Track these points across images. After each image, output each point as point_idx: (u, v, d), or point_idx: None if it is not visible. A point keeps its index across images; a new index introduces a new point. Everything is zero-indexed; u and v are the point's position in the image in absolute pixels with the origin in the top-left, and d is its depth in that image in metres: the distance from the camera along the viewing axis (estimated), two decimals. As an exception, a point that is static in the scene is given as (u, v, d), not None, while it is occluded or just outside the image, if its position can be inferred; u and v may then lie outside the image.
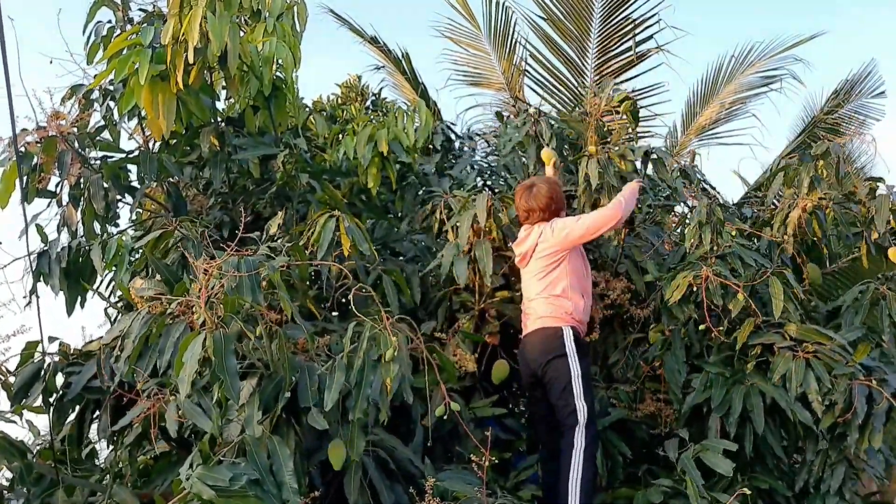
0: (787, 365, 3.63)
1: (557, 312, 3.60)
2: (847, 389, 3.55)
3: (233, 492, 2.36)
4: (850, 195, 4.34)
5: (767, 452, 3.79)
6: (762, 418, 3.61)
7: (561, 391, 3.48)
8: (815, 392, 3.54)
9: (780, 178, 4.59)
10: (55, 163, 3.99)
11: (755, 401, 3.64)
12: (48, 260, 4.00)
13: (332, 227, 3.48)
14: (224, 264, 2.68)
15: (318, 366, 2.87)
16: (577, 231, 3.66)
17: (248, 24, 4.30)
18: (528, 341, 3.66)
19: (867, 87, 8.55)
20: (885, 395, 3.50)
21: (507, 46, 8.57)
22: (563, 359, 3.51)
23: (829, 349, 3.66)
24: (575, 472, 3.36)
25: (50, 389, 3.31)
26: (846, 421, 3.55)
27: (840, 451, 3.68)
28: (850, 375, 3.58)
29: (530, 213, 3.75)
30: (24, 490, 3.17)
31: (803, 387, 3.57)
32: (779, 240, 4.16)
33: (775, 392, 3.62)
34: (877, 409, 3.51)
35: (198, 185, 4.74)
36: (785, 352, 3.70)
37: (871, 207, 4.21)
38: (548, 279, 3.64)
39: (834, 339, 3.70)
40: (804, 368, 3.60)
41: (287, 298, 2.82)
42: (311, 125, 5.17)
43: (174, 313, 2.72)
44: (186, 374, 2.41)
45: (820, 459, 3.72)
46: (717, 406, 3.70)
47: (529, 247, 3.70)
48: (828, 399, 3.57)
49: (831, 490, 3.65)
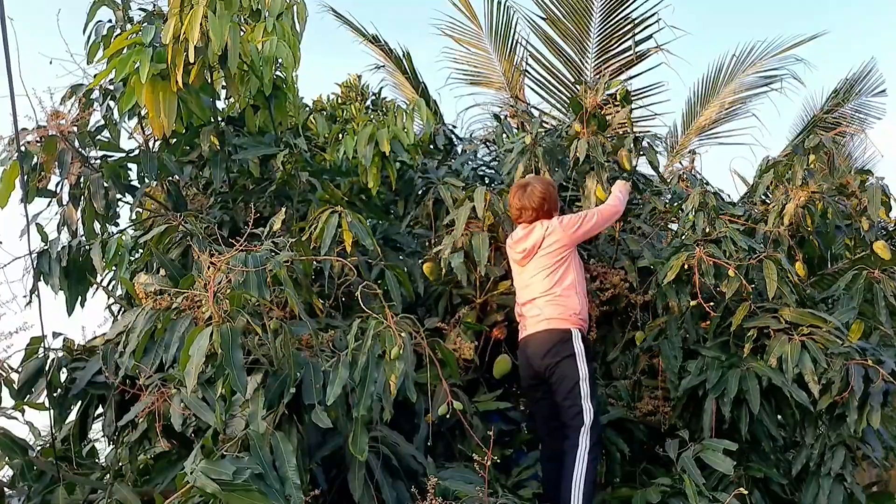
0: (783, 347, 3.65)
1: (565, 314, 3.59)
2: (843, 369, 3.56)
3: (236, 486, 2.36)
4: (841, 188, 4.36)
5: (763, 435, 3.79)
6: (758, 399, 3.61)
7: (568, 392, 3.48)
8: (812, 373, 3.56)
9: (770, 175, 4.60)
10: (55, 162, 3.99)
11: (751, 383, 3.66)
12: (48, 259, 4.01)
13: (334, 222, 3.48)
14: (231, 259, 2.68)
15: (322, 362, 2.86)
16: (587, 224, 3.72)
17: (249, 23, 4.30)
18: (533, 342, 3.63)
19: (867, 86, 8.59)
20: (881, 373, 3.51)
21: (507, 46, 8.60)
22: (571, 360, 3.52)
23: (824, 331, 3.69)
24: (578, 472, 3.36)
25: (54, 385, 3.30)
26: (844, 401, 3.55)
27: (839, 434, 3.69)
28: (845, 355, 3.60)
29: (522, 212, 3.77)
30: (25, 487, 3.17)
31: (799, 368, 3.58)
32: (773, 232, 4.17)
33: (771, 373, 3.63)
34: (874, 388, 3.51)
35: (198, 185, 4.74)
36: (780, 335, 3.72)
37: (862, 199, 4.25)
38: (554, 276, 3.64)
39: (829, 321, 3.72)
40: (800, 350, 3.61)
41: (293, 294, 2.82)
42: (311, 125, 5.17)
43: (180, 308, 2.72)
44: (193, 367, 2.41)
45: (819, 443, 3.73)
46: (712, 388, 3.72)
47: (534, 242, 3.69)
48: (824, 379, 3.58)
49: (832, 472, 3.64)
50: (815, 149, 4.44)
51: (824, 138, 4.49)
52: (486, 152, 5.80)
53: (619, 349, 4.27)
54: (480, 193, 3.98)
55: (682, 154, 8.62)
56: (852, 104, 8.59)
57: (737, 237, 3.88)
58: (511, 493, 3.33)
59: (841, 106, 8.50)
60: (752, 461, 3.77)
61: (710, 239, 3.92)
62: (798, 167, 4.31)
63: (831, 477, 3.64)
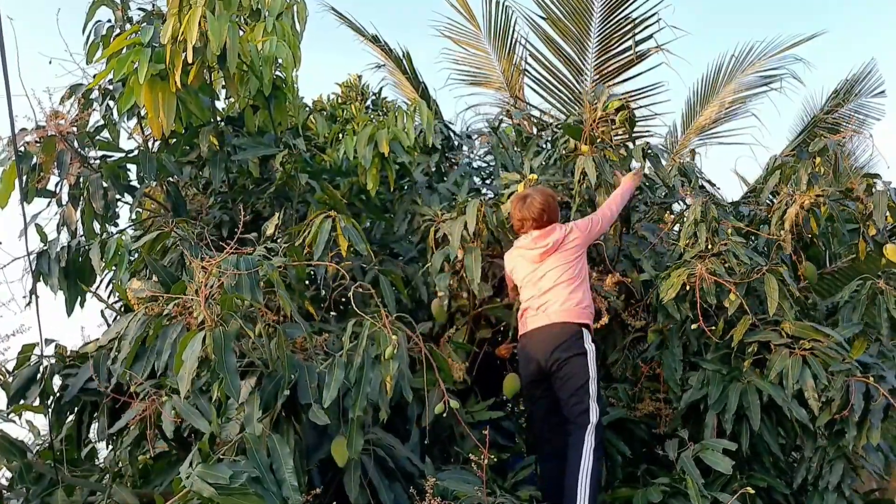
0: (784, 362, 3.63)
1: (583, 302, 3.64)
2: (844, 386, 3.54)
3: (233, 489, 2.36)
4: (847, 192, 4.34)
5: (764, 450, 3.79)
6: (759, 415, 3.60)
7: (576, 389, 3.49)
8: (812, 389, 3.55)
9: (777, 175, 4.58)
10: (54, 162, 3.99)
11: (751, 398, 3.65)
12: (48, 260, 4.00)
13: (328, 227, 3.47)
14: (223, 263, 2.67)
15: (317, 364, 2.86)
16: (595, 227, 3.83)
17: (248, 23, 4.30)
18: (540, 335, 3.62)
19: (867, 87, 8.57)
20: (882, 392, 3.50)
21: (506, 46, 8.58)
22: (583, 359, 3.52)
23: (825, 346, 3.66)
24: (585, 468, 3.35)
25: (47, 392, 3.30)
26: (843, 418, 3.54)
27: (838, 447, 3.67)
28: (846, 372, 3.57)
29: (524, 223, 3.82)
30: (24, 489, 3.16)
31: (800, 384, 3.57)
32: (776, 237, 4.16)
33: (772, 389, 3.62)
34: (874, 406, 3.50)
35: (197, 185, 4.74)
36: (781, 349, 3.70)
37: (868, 204, 4.21)
38: (574, 269, 3.69)
39: (831, 335, 3.69)
40: (801, 365, 3.60)
41: (286, 297, 2.81)
42: (311, 125, 5.17)
43: (171, 314, 2.71)
44: (186, 372, 2.40)
45: (818, 456, 3.72)
46: (713, 403, 3.70)
47: (556, 240, 3.73)
48: (825, 396, 3.56)
49: (830, 486, 3.64)
50: (821, 152, 4.42)
51: (829, 142, 4.46)
52: (482, 154, 5.78)
53: (620, 351, 4.27)
54: (473, 207, 3.93)
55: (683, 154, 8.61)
56: (852, 105, 8.58)
57: (739, 251, 3.87)
58: (509, 494, 3.33)
59: (841, 106, 8.48)
60: (755, 471, 3.76)
61: (712, 253, 3.91)
62: (803, 171, 4.28)
63: (830, 490, 3.64)
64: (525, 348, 3.71)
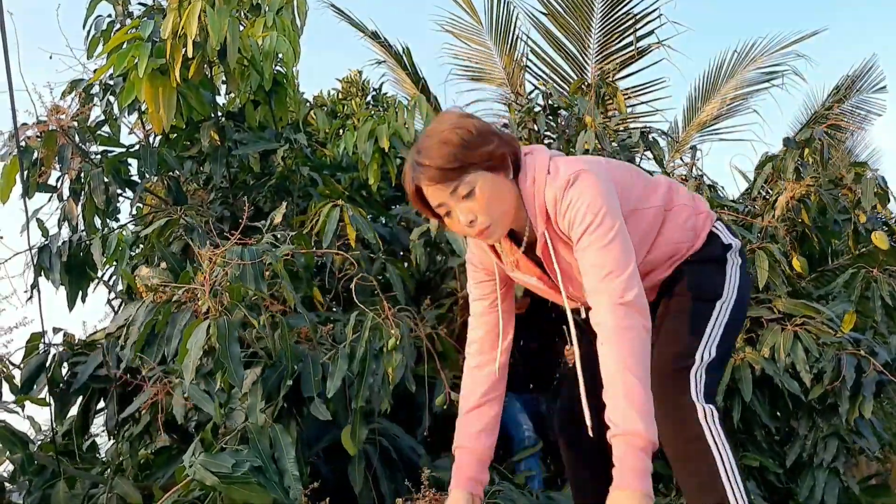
0: (776, 337, 3.65)
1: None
2: (835, 359, 3.57)
3: (235, 478, 2.36)
4: (837, 181, 4.35)
5: (756, 425, 3.80)
6: (750, 387, 3.61)
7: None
8: (803, 362, 3.56)
9: (769, 168, 4.59)
10: (56, 157, 3.98)
11: (744, 372, 3.66)
12: (49, 254, 3.99)
13: (336, 216, 3.47)
14: (228, 253, 2.67)
15: (321, 355, 2.87)
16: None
17: (248, 18, 4.30)
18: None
19: (868, 83, 8.58)
20: (872, 364, 3.52)
21: (508, 41, 8.58)
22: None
23: (817, 322, 3.69)
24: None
25: (55, 380, 3.30)
26: (835, 390, 3.56)
27: (831, 424, 3.70)
28: (837, 346, 3.60)
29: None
30: (26, 481, 3.16)
31: (791, 357, 3.59)
32: (769, 225, 4.16)
33: (764, 363, 3.64)
34: (865, 379, 3.52)
35: (198, 180, 4.74)
36: (773, 325, 3.72)
37: (856, 191, 4.25)
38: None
39: (822, 311, 3.73)
40: (792, 340, 3.62)
41: (290, 288, 2.82)
42: (311, 120, 5.17)
43: (180, 301, 2.71)
44: (191, 361, 2.41)
45: (812, 434, 3.74)
46: None
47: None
48: (815, 368, 3.59)
49: (824, 464, 3.65)
50: (808, 142, 4.44)
51: (815, 131, 4.48)
52: None
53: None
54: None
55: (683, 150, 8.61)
56: (853, 101, 8.59)
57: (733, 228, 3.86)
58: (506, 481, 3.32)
59: (842, 102, 8.49)
60: (748, 451, 3.77)
61: None
62: (789, 160, 4.31)
63: (825, 469, 3.65)
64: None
